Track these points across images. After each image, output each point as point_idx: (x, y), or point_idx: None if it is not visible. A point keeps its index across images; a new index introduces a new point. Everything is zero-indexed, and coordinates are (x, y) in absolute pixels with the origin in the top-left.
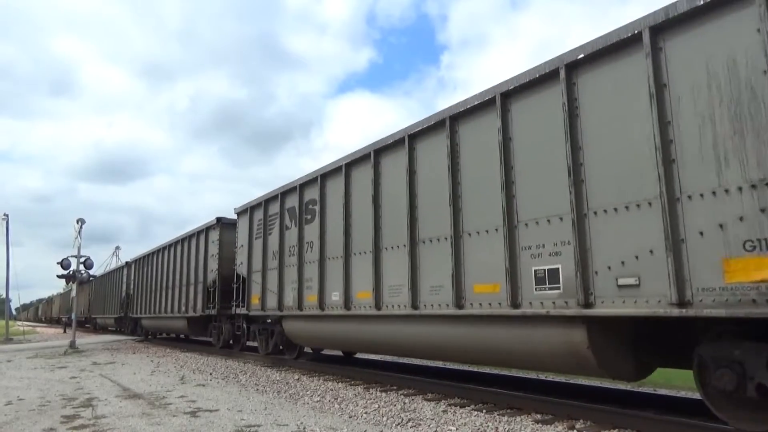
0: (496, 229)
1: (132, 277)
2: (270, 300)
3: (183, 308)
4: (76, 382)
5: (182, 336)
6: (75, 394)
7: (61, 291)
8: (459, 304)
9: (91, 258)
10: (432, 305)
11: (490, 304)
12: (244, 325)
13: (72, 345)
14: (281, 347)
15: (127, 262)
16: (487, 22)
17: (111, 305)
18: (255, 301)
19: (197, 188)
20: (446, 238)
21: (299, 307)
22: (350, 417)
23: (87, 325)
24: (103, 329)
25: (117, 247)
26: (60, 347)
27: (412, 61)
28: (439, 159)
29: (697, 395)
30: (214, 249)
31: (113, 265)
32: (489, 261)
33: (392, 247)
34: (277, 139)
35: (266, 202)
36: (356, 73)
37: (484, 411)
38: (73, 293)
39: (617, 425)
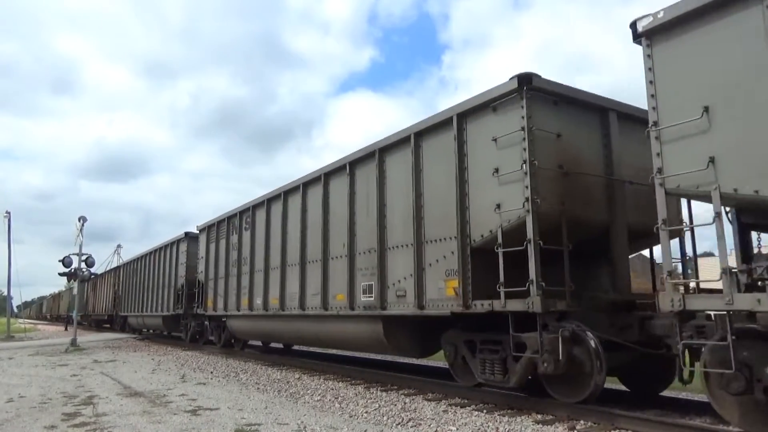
0: None
1: (203, 254)
2: None
3: (367, 300)
4: (77, 379)
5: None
6: (76, 392)
7: (64, 288)
8: None
9: (92, 256)
10: None
11: None
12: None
13: (73, 343)
14: None
15: (188, 233)
16: (489, 21)
17: (155, 299)
18: None
19: (199, 186)
20: None
21: None
22: (351, 416)
23: (106, 325)
24: (135, 331)
25: (118, 245)
26: (61, 345)
27: (414, 61)
28: None
29: (696, 397)
30: (509, 154)
31: (114, 264)
32: None
33: None
34: (278, 138)
35: None
36: (358, 72)
37: (485, 411)
38: (75, 291)
39: (617, 426)
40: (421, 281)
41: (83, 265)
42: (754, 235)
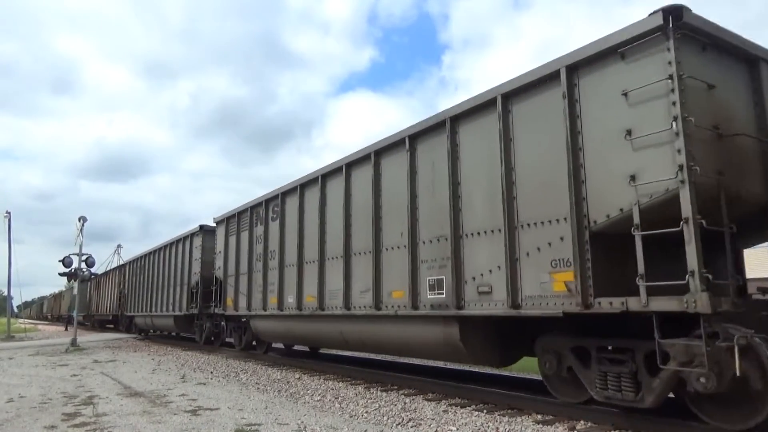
0: None
1: (221, 248)
2: None
3: (437, 298)
4: (77, 379)
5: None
6: (76, 392)
7: (64, 288)
8: None
9: (92, 256)
10: None
11: None
12: None
13: (73, 343)
14: None
15: (203, 227)
16: (489, 21)
17: (166, 298)
18: None
19: (199, 186)
20: None
21: None
22: (351, 416)
23: (109, 326)
24: (142, 332)
25: (119, 245)
26: (61, 345)
27: (414, 61)
28: None
29: None
30: (649, 111)
31: (115, 264)
32: None
33: None
34: (278, 138)
35: None
36: (358, 72)
37: (485, 411)
38: (75, 291)
39: (618, 426)
40: (514, 274)
41: (83, 265)
42: None
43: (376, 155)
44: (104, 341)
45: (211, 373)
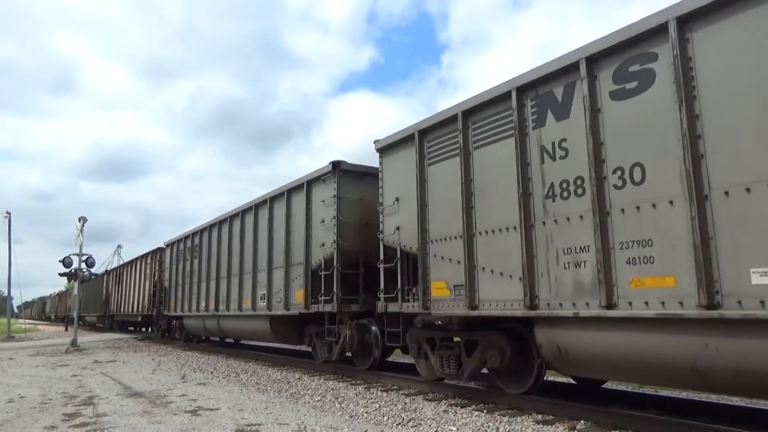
0: None
1: (406, 191)
2: None
3: None
4: (78, 380)
5: None
6: (76, 392)
7: (64, 287)
8: None
9: (92, 256)
10: None
11: None
12: None
13: (73, 343)
14: None
15: (337, 164)
16: (488, 21)
17: (251, 289)
18: None
19: (198, 187)
20: None
21: None
22: (351, 416)
23: (131, 328)
24: (194, 338)
25: (119, 246)
26: (62, 345)
27: (413, 61)
28: None
29: (696, 396)
30: None
31: (115, 264)
32: None
33: None
34: (277, 138)
35: None
36: (357, 72)
37: (485, 411)
38: (75, 291)
39: (618, 426)
40: None
41: (83, 265)
42: None
43: None
44: (104, 341)
45: (212, 373)
